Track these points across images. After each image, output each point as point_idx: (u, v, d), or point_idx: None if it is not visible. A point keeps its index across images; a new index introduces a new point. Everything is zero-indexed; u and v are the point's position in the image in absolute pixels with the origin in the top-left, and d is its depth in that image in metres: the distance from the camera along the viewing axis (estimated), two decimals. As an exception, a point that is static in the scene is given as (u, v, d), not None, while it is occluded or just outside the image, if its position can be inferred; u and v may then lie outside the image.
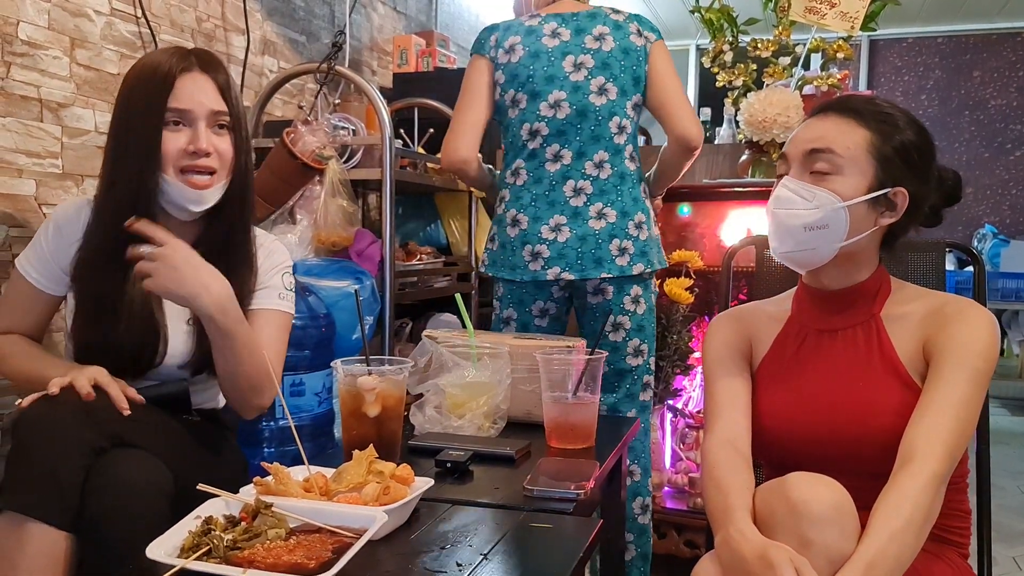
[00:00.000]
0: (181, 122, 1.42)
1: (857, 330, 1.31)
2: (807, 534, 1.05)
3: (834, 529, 1.06)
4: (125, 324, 1.43)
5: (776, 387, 1.36)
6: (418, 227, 3.34)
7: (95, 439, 1.25)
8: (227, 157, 1.47)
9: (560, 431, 1.58)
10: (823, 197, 1.25)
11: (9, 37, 1.86)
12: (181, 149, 1.41)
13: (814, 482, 1.09)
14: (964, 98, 6.43)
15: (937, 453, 1.14)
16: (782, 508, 1.09)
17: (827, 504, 1.06)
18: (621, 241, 2.03)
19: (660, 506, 2.54)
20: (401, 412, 1.47)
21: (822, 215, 1.25)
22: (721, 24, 2.92)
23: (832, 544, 1.05)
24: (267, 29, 2.79)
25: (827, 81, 2.70)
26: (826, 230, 1.25)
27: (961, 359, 1.20)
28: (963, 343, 1.21)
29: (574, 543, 1.07)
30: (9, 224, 1.86)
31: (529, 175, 2.07)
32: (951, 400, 1.18)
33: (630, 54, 2.03)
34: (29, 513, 1.18)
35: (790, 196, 1.27)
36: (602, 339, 2.10)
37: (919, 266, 1.59)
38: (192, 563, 0.91)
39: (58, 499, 1.19)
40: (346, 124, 2.65)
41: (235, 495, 1.08)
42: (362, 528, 1.00)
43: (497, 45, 2.07)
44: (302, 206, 2.42)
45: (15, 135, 1.88)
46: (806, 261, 1.31)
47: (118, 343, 1.43)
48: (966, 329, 1.22)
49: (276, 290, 1.59)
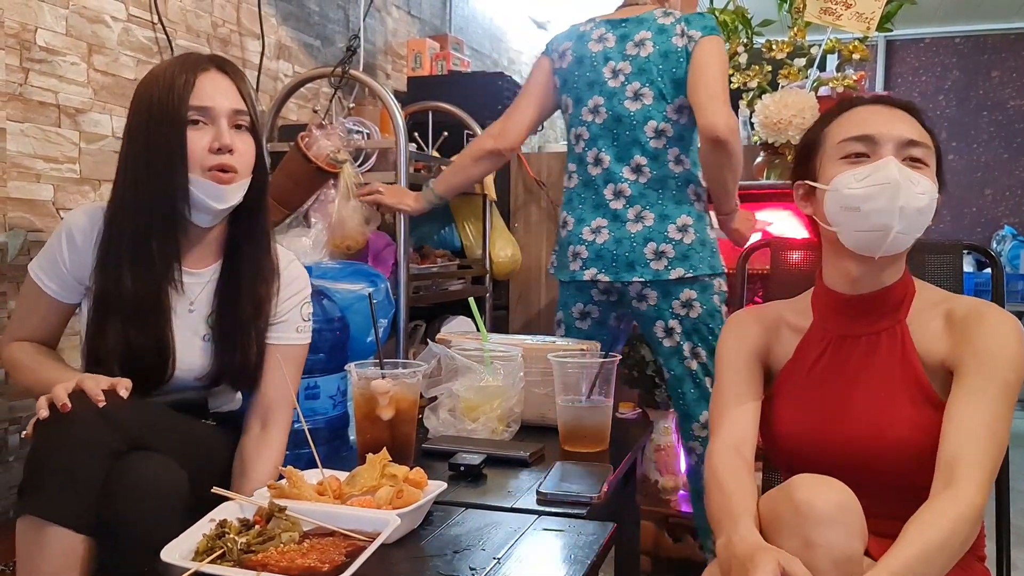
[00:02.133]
0: (203, 120, 1.41)
1: (882, 336, 1.29)
2: (810, 535, 1.04)
3: (838, 529, 1.04)
4: (142, 331, 1.42)
5: (796, 395, 1.34)
6: (432, 230, 3.35)
7: (113, 442, 1.25)
8: (248, 157, 1.46)
9: (574, 434, 1.58)
10: (926, 184, 1.23)
11: (27, 43, 1.88)
12: (205, 147, 1.40)
13: (817, 483, 1.08)
14: (982, 99, 6.38)
15: (978, 481, 1.10)
16: (787, 510, 1.08)
17: (831, 504, 1.05)
18: (658, 245, 2.01)
19: (676, 510, 2.53)
20: (415, 415, 1.47)
21: (929, 201, 1.23)
22: (736, 26, 2.91)
23: (836, 544, 1.03)
24: (282, 34, 2.80)
25: (843, 82, 2.68)
26: (925, 218, 1.23)
27: (991, 372, 1.17)
28: (992, 354, 1.18)
29: (588, 546, 1.07)
30: (27, 229, 1.88)
31: (578, 178, 2.13)
32: (986, 419, 1.14)
33: (669, 57, 2.02)
34: (49, 517, 1.18)
35: (905, 179, 1.21)
36: (657, 345, 2.10)
37: (936, 268, 1.58)
38: (206, 566, 0.92)
39: (77, 502, 1.19)
40: (360, 128, 2.66)
41: (249, 498, 1.09)
42: (375, 532, 1.00)
43: (557, 49, 2.17)
44: (316, 210, 2.42)
45: (33, 140, 1.90)
46: (902, 245, 1.26)
47: (132, 353, 1.42)
48: (993, 339, 1.19)
49: (294, 324, 1.57)
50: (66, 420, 1.23)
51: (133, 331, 1.41)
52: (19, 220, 1.87)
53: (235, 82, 1.46)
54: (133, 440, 1.28)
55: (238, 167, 1.44)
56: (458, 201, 3.30)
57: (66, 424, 1.23)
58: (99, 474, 1.22)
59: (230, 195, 1.43)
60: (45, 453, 1.21)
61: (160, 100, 1.41)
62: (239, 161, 1.44)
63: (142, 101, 1.43)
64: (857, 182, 1.23)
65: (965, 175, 6.38)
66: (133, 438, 1.28)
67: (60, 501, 1.19)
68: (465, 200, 3.28)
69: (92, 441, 1.23)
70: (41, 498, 1.19)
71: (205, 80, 1.42)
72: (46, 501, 1.19)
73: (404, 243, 2.49)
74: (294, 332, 1.56)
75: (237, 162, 1.43)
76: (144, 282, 1.40)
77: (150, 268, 1.41)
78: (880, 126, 1.25)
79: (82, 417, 1.24)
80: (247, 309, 1.50)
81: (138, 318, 1.41)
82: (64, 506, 1.19)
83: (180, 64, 1.44)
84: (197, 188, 1.40)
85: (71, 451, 1.21)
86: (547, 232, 3.66)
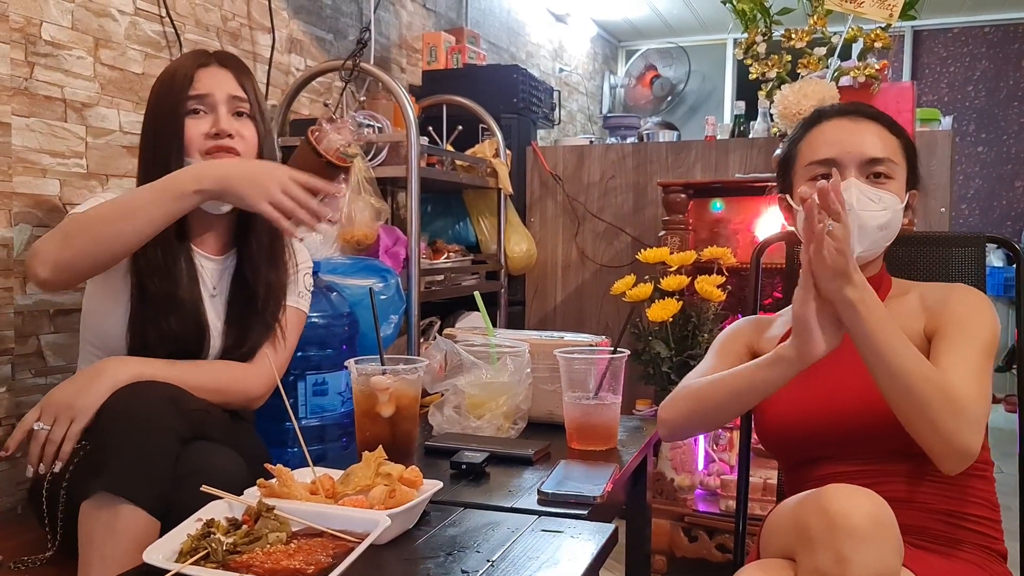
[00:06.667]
0: (202, 108, 1.49)
1: None
2: (843, 550, 0.98)
3: (874, 545, 0.99)
4: (176, 317, 1.46)
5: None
6: (447, 225, 3.32)
7: (181, 428, 1.26)
8: (251, 142, 1.53)
9: (581, 432, 1.54)
10: (889, 199, 1.30)
11: (32, 38, 1.86)
12: (203, 133, 1.48)
13: (853, 493, 1.03)
14: (1013, 89, 6.22)
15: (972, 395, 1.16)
16: (819, 521, 1.02)
17: (868, 517, 1.00)
18: None
19: (692, 508, 2.48)
20: (416, 412, 1.44)
21: (891, 216, 1.30)
22: (754, 14, 2.84)
23: (871, 562, 0.98)
24: (294, 27, 2.78)
25: (864, 71, 2.61)
26: (889, 231, 1.31)
27: (969, 331, 1.24)
28: (968, 317, 1.26)
29: (585, 548, 1.03)
30: (33, 224, 1.87)
31: None
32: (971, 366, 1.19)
33: None
34: (123, 495, 1.16)
35: (865, 199, 1.29)
36: None
37: (959, 260, 1.52)
38: (188, 567, 0.89)
39: (151, 484, 1.19)
40: (371, 121, 2.64)
41: (238, 497, 1.06)
42: (365, 532, 0.97)
43: None
44: (327, 204, 2.40)
45: (39, 135, 1.89)
46: (870, 258, 1.35)
47: (171, 335, 1.45)
48: (966, 306, 1.28)
49: (296, 287, 1.64)
50: (140, 403, 1.24)
51: (168, 316, 1.45)
52: (25, 215, 1.86)
53: (234, 73, 1.54)
54: (196, 429, 1.30)
55: (239, 150, 1.50)
56: (472, 195, 3.28)
57: (136, 410, 1.24)
58: (171, 459, 1.23)
59: None
60: (120, 435, 1.21)
61: (163, 94, 1.51)
62: (239, 144, 1.51)
63: (152, 96, 1.53)
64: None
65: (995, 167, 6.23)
66: (195, 427, 1.30)
67: (133, 481, 1.18)
68: (480, 194, 3.25)
69: (162, 426, 1.24)
70: (113, 477, 1.18)
71: (204, 73, 1.51)
72: (119, 480, 1.18)
73: (415, 237, 2.46)
74: (295, 296, 1.63)
75: (237, 145, 1.50)
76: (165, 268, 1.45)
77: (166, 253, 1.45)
78: (843, 146, 1.32)
79: (150, 404, 1.25)
80: (260, 295, 1.55)
81: (171, 303, 1.46)
82: (137, 486, 1.18)
83: (184, 59, 1.55)
84: None
85: (143, 435, 1.21)
86: (563, 227, 3.62)
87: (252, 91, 1.55)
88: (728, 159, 3.30)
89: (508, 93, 3.38)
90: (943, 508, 1.24)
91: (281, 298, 1.59)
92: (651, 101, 6.47)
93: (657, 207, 3.22)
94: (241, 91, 1.52)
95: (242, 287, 1.56)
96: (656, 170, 3.45)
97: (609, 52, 6.50)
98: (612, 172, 3.54)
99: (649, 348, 2.52)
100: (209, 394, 1.42)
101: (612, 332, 2.10)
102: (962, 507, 1.24)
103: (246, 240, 1.57)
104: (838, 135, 1.33)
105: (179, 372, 1.40)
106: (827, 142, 1.34)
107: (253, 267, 1.56)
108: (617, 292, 2.48)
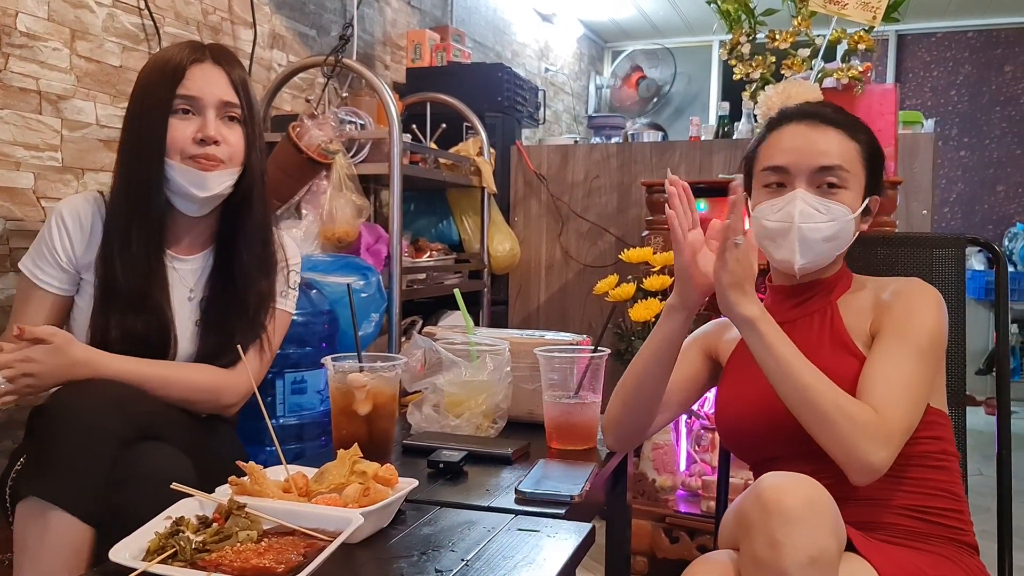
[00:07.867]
0: (190, 110, 1.42)
1: (814, 317, 1.36)
2: (775, 534, 1.00)
3: (806, 527, 1.00)
4: (142, 317, 1.42)
5: (738, 378, 1.39)
6: (430, 223, 3.30)
7: (123, 430, 1.23)
8: (236, 148, 1.46)
9: (561, 432, 1.53)
10: (837, 210, 1.30)
11: (7, 28, 1.84)
12: (188, 137, 1.41)
13: (786, 480, 1.05)
14: (995, 93, 6.28)
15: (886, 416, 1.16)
16: (754, 509, 1.04)
17: (799, 501, 1.01)
18: None
19: (673, 509, 2.47)
20: (394, 410, 1.42)
21: (839, 227, 1.30)
22: (739, 15, 2.84)
23: (802, 544, 0.99)
24: (276, 22, 2.76)
25: (848, 73, 2.61)
26: (837, 241, 1.31)
27: (904, 335, 1.24)
28: (907, 319, 1.25)
29: (562, 547, 1.02)
30: (7, 218, 1.84)
31: None
32: (898, 374, 1.20)
33: None
34: (54, 501, 1.14)
35: (810, 211, 1.29)
36: None
37: (938, 262, 1.53)
38: (155, 566, 0.87)
39: (83, 489, 1.16)
40: (354, 118, 2.62)
41: (209, 495, 1.04)
42: (338, 531, 0.95)
43: None
44: (308, 201, 2.38)
45: (13, 128, 1.86)
46: (816, 269, 1.35)
47: (135, 335, 1.42)
48: (909, 307, 1.27)
49: (281, 286, 1.59)
50: (77, 405, 1.21)
51: (133, 316, 1.42)
52: (-1, 209, 1.83)
53: (229, 74, 1.46)
54: (143, 429, 1.27)
55: (224, 157, 1.44)
56: (456, 194, 3.26)
57: (76, 411, 1.21)
58: (107, 463, 1.19)
59: (212, 183, 1.42)
60: (53, 437, 1.19)
61: (150, 87, 1.43)
62: (225, 152, 1.44)
63: (137, 88, 1.46)
64: (772, 214, 1.32)
65: (977, 171, 6.28)
66: (143, 427, 1.27)
67: (64, 485, 1.16)
68: (463, 193, 3.24)
69: (101, 428, 1.20)
70: (45, 481, 1.15)
71: (196, 70, 1.43)
72: (50, 484, 1.15)
73: (398, 236, 2.45)
74: (278, 296, 1.58)
75: (222, 152, 1.44)
76: (134, 267, 1.41)
77: (137, 253, 1.42)
78: (796, 155, 1.32)
79: (92, 405, 1.22)
80: (251, 304, 1.51)
81: (138, 303, 1.42)
82: (68, 491, 1.16)
83: (175, 52, 1.45)
84: (178, 174, 1.40)
85: (79, 438, 1.19)
86: (547, 226, 3.61)
87: (245, 94, 1.48)
88: (712, 160, 3.31)
89: (493, 92, 3.37)
90: (906, 504, 1.24)
91: (271, 305, 1.56)
92: (637, 102, 6.47)
93: (641, 207, 3.22)
94: (233, 95, 1.45)
95: (224, 290, 1.51)
96: (640, 170, 3.45)
97: (595, 52, 6.51)
98: (596, 172, 3.54)
99: (631, 348, 2.51)
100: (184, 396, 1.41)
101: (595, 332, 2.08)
102: (925, 501, 1.24)
103: (235, 246, 1.51)
104: (793, 142, 1.33)
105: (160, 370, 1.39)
106: (782, 149, 1.34)
107: (244, 275, 1.51)
108: (600, 292, 2.47)
